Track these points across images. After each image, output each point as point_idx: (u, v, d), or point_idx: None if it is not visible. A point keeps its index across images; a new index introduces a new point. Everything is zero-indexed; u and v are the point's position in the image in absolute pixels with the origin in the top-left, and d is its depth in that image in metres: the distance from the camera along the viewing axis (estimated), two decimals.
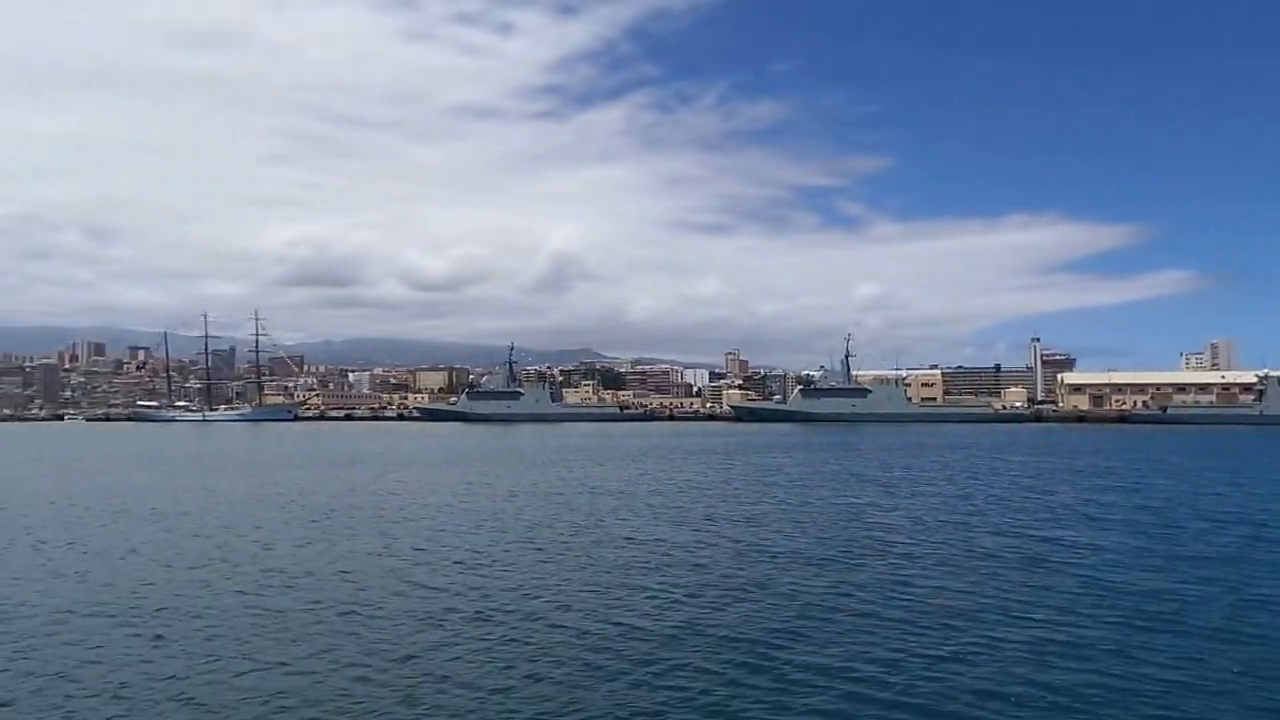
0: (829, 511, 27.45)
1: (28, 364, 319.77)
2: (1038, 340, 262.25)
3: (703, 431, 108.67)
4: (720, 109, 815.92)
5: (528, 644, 12.62)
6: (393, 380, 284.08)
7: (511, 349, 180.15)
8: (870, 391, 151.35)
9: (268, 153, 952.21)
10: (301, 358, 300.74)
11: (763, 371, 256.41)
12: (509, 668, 11.55)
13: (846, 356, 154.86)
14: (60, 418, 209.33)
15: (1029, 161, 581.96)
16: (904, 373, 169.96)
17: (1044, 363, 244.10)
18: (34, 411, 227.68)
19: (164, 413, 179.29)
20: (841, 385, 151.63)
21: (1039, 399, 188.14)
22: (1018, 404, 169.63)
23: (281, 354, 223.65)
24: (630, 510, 28.02)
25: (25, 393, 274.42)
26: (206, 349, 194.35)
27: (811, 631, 13.22)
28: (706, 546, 20.85)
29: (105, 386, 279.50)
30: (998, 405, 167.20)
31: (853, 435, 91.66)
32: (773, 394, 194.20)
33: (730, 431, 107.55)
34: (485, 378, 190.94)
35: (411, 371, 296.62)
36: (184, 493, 34.13)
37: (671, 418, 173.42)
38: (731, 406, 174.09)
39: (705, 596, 15.60)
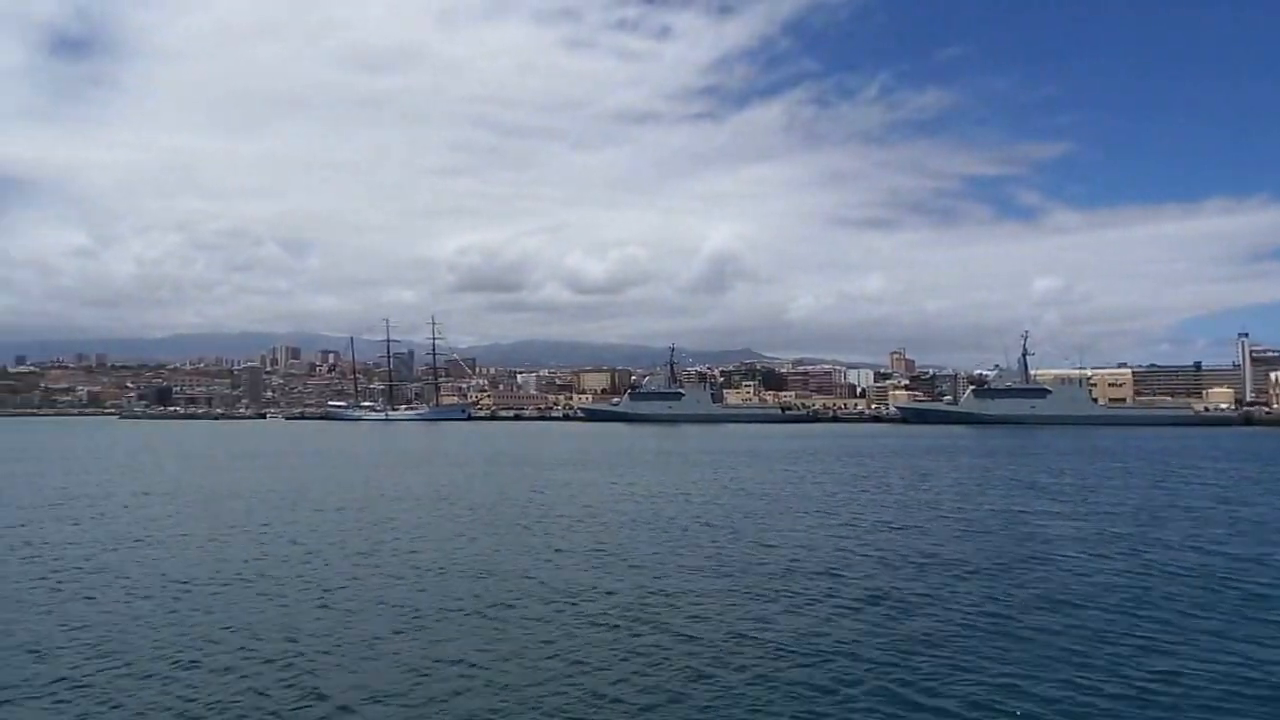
0: (989, 519, 26.73)
1: (235, 367, 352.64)
2: (1245, 335, 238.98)
3: (867, 433, 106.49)
4: (883, 100, 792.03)
5: (641, 645, 12.91)
6: (558, 381, 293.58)
7: (672, 350, 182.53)
8: (1050, 392, 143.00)
9: (441, 165, 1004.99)
10: (474, 360, 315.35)
11: (931, 371, 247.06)
12: (621, 661, 12.00)
13: (1024, 354, 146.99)
14: (263, 416, 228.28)
15: (1232, 139, 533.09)
16: (1088, 372, 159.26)
17: (1253, 360, 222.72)
18: (240, 410, 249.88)
19: (351, 412, 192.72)
20: (1018, 385, 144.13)
21: (1248, 400, 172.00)
22: (1223, 405, 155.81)
23: (455, 357, 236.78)
24: (780, 513, 28.27)
25: (234, 393, 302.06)
26: (388, 353, 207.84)
27: (949, 654, 12.41)
28: (850, 553, 20.77)
29: (300, 387, 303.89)
30: (1199, 407, 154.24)
31: (1030, 439, 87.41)
32: (942, 395, 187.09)
33: (896, 434, 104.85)
34: (647, 379, 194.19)
35: (576, 373, 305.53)
36: (391, 490, 37.25)
37: (835, 419, 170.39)
38: (898, 408, 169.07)
39: (829, 604, 15.47)
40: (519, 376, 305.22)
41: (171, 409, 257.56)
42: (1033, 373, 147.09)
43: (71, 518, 28.02)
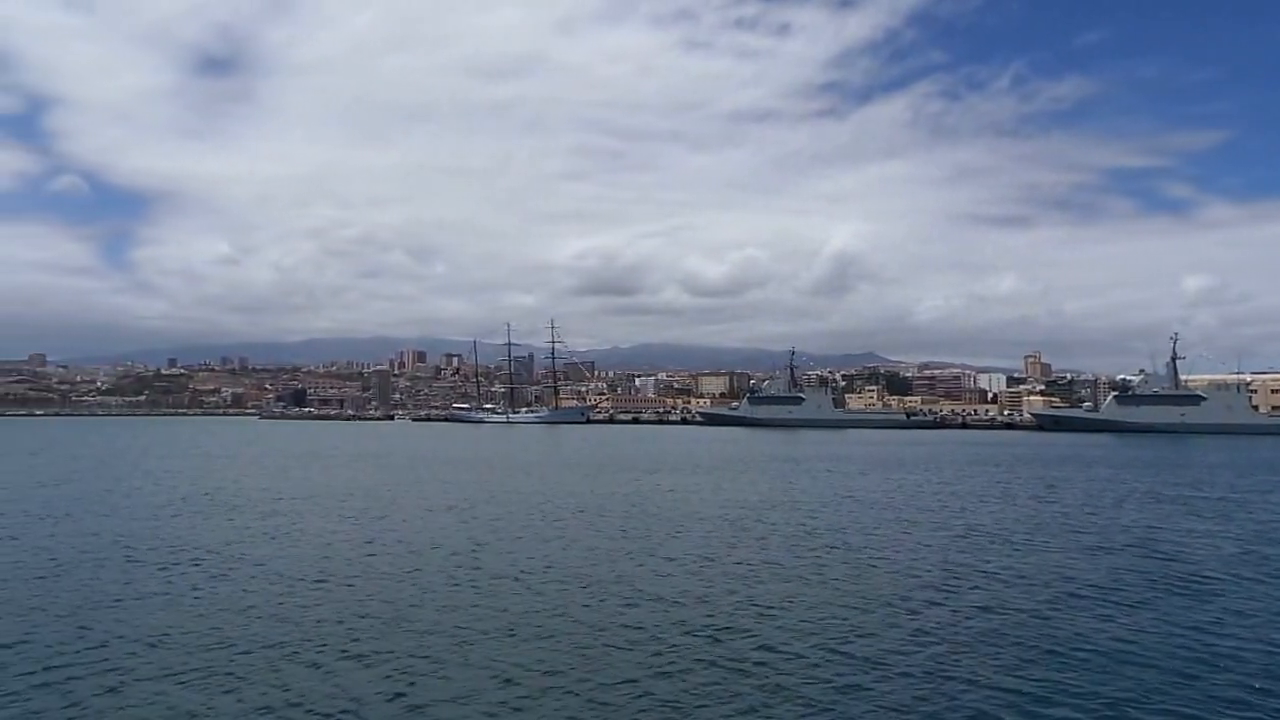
0: (1120, 536, 25.33)
1: (366, 370, 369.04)
2: None
3: (998, 441, 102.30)
4: (1017, 91, 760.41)
5: (725, 654, 12.95)
6: (676, 385, 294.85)
7: (792, 353, 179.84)
8: (1203, 399, 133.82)
9: (561, 170, 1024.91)
10: (592, 363, 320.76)
11: (1069, 376, 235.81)
12: (704, 669, 12.09)
13: (1173, 358, 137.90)
14: (391, 417, 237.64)
15: None
16: (1247, 377, 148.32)
17: None
18: (370, 411, 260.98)
19: (474, 414, 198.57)
20: (1167, 391, 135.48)
21: None
22: None
23: (574, 360, 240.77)
24: (888, 523, 27.75)
25: (364, 395, 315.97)
26: (509, 356, 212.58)
27: (1055, 680, 11.83)
28: (956, 568, 20.07)
29: (426, 390, 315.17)
30: None
31: (1179, 449, 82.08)
32: (1081, 401, 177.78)
33: (1029, 442, 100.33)
34: (766, 382, 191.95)
35: (694, 376, 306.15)
36: (503, 491, 38.30)
37: (964, 425, 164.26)
38: (1032, 414, 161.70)
39: (923, 621, 15.03)
40: (637, 380, 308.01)
41: (306, 410, 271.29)
42: (1183, 378, 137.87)
43: (214, 513, 29.99)
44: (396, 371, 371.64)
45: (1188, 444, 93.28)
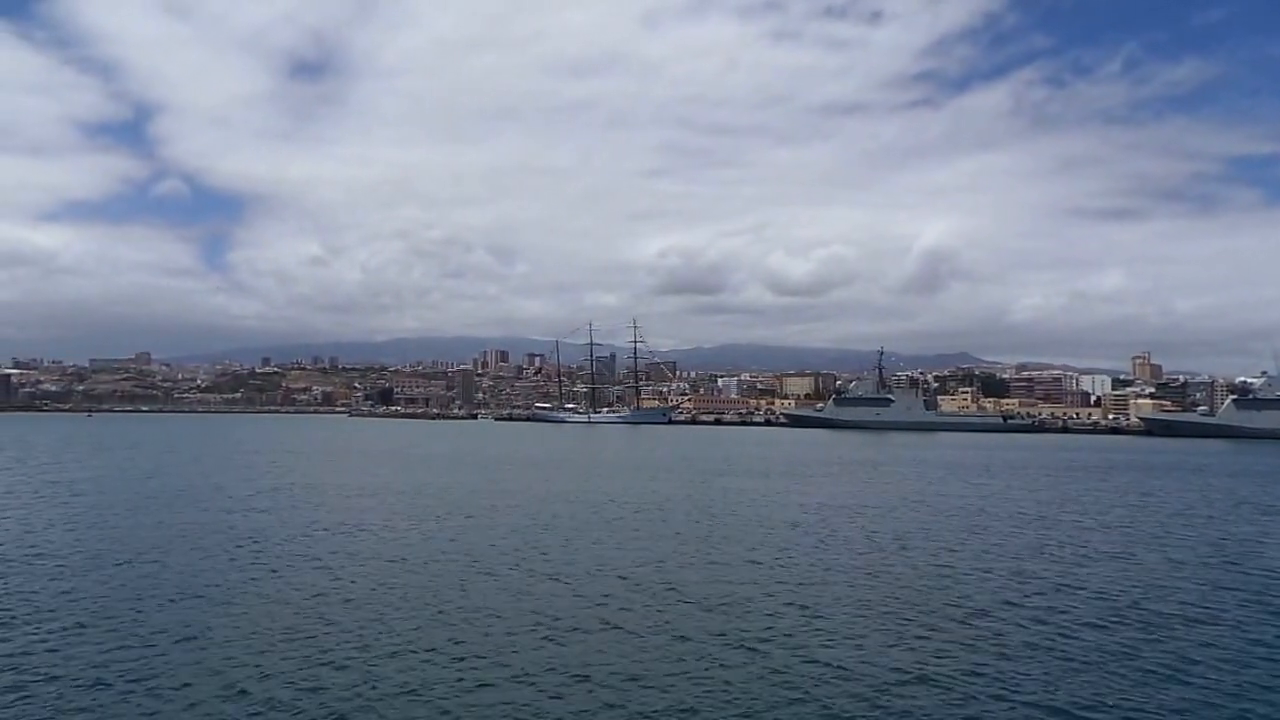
0: (1208, 550, 23.58)
1: (450, 369, 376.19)
2: None
3: (1100, 447, 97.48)
4: (1128, 76, 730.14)
5: (765, 665, 12.67)
6: (760, 386, 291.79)
7: (881, 353, 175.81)
8: None
9: (644, 167, 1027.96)
10: (674, 364, 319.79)
11: (1181, 378, 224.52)
12: (746, 677, 11.55)
13: None
14: (474, 416, 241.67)
15: None
16: None
17: None
18: (455, 410, 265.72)
19: (556, 414, 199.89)
20: None
21: None
22: None
23: (656, 360, 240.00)
24: (954, 531, 26.49)
25: (448, 394, 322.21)
26: (591, 356, 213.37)
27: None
28: (1013, 583, 18.84)
29: (508, 390, 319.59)
30: None
31: None
32: (1194, 405, 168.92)
33: (1136, 448, 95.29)
34: (853, 383, 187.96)
35: (778, 377, 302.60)
36: (575, 494, 37.68)
37: (1065, 429, 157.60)
38: (1140, 418, 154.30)
39: (962, 637, 14.21)
40: (720, 380, 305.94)
41: (393, 408, 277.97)
42: None
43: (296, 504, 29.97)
44: (480, 371, 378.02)
45: None
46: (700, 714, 10.83)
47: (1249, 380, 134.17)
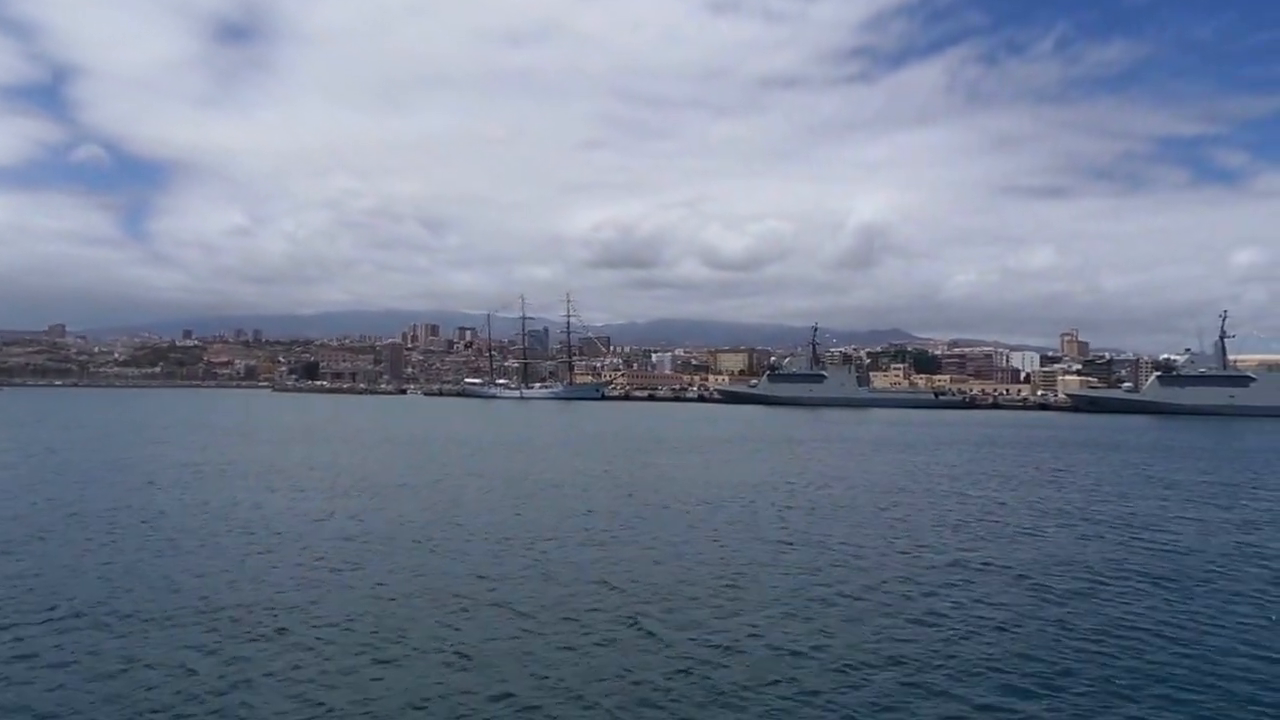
0: (1114, 525, 24.22)
1: (378, 343, 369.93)
2: None
3: (1028, 423, 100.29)
4: (1060, 55, 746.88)
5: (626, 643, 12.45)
6: (694, 361, 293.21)
7: (815, 329, 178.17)
8: (1254, 380, 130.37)
9: (581, 139, 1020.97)
10: (608, 339, 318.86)
11: (1108, 355, 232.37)
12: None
13: (1221, 337, 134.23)
14: (403, 391, 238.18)
15: None
16: None
17: None
18: (383, 386, 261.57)
19: (487, 389, 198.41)
20: (1214, 372, 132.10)
21: None
22: None
23: (590, 335, 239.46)
24: (869, 508, 26.88)
25: (376, 368, 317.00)
26: (524, 330, 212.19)
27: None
28: (920, 551, 19.48)
29: (438, 364, 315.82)
30: None
31: (1226, 433, 79.70)
32: (1120, 381, 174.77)
33: (1063, 424, 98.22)
34: (787, 359, 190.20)
35: (712, 352, 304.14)
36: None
37: (995, 406, 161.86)
38: (1068, 395, 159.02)
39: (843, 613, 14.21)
40: (654, 356, 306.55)
41: (319, 383, 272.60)
42: (1232, 358, 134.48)
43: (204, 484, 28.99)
44: (409, 345, 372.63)
45: (1234, 428, 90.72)
46: (581, 694, 10.73)
47: (1173, 357, 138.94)
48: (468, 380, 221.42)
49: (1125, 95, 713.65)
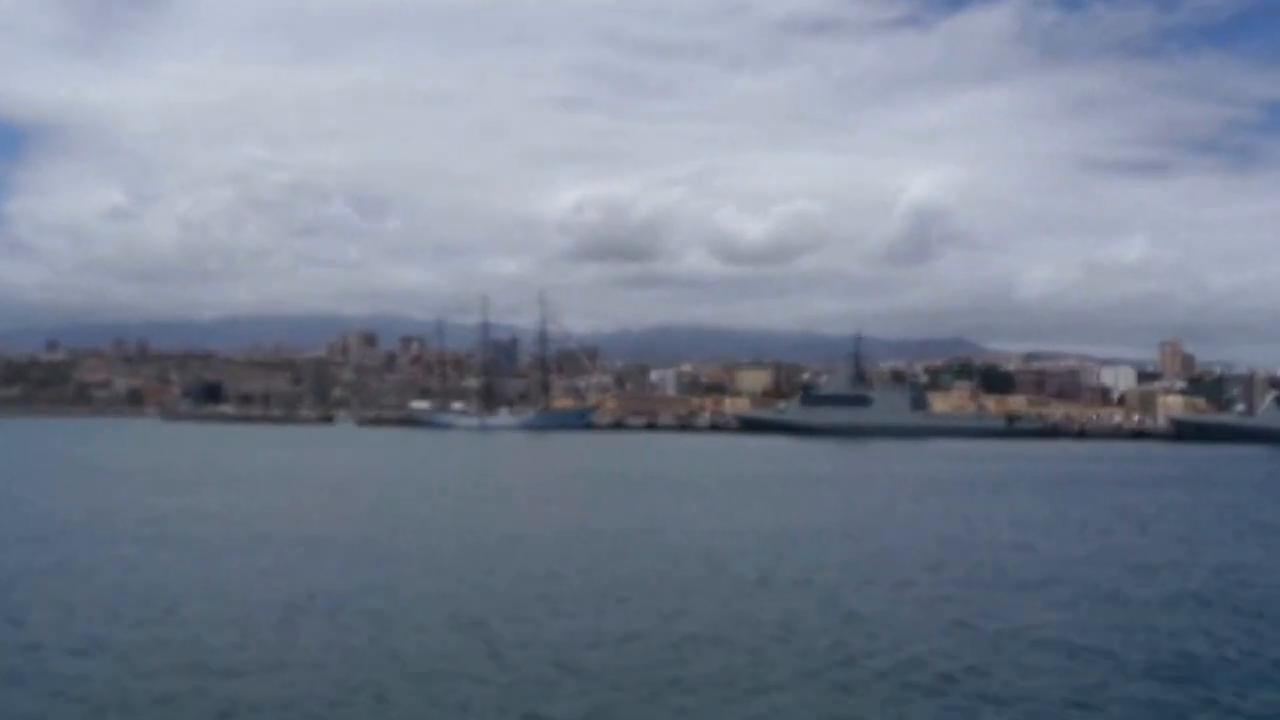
0: (1196, 585, 25.52)
1: (298, 358, 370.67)
2: None
3: (1125, 455, 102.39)
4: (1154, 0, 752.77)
5: None
6: (705, 380, 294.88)
7: (858, 339, 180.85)
8: None
9: (558, 95, 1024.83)
10: (595, 351, 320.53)
11: (1217, 370, 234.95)
12: None
13: None
14: (330, 419, 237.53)
15: None
16: None
17: None
18: (305, 412, 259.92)
19: (439, 417, 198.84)
20: None
21: None
22: None
23: (571, 346, 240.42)
24: (953, 566, 28.07)
25: (296, 390, 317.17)
26: (485, 340, 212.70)
27: None
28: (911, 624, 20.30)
29: (376, 384, 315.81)
30: None
31: None
32: (1231, 402, 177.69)
33: (1163, 457, 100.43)
34: (823, 377, 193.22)
35: (728, 369, 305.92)
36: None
37: (1081, 434, 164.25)
38: (1170, 419, 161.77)
39: None
40: (653, 373, 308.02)
41: (222, 409, 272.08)
42: None
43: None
44: (338, 360, 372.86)
45: None
46: None
47: None
48: (414, 405, 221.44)
49: (1233, 50, 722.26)
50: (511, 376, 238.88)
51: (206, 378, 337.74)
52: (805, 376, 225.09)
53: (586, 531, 35.20)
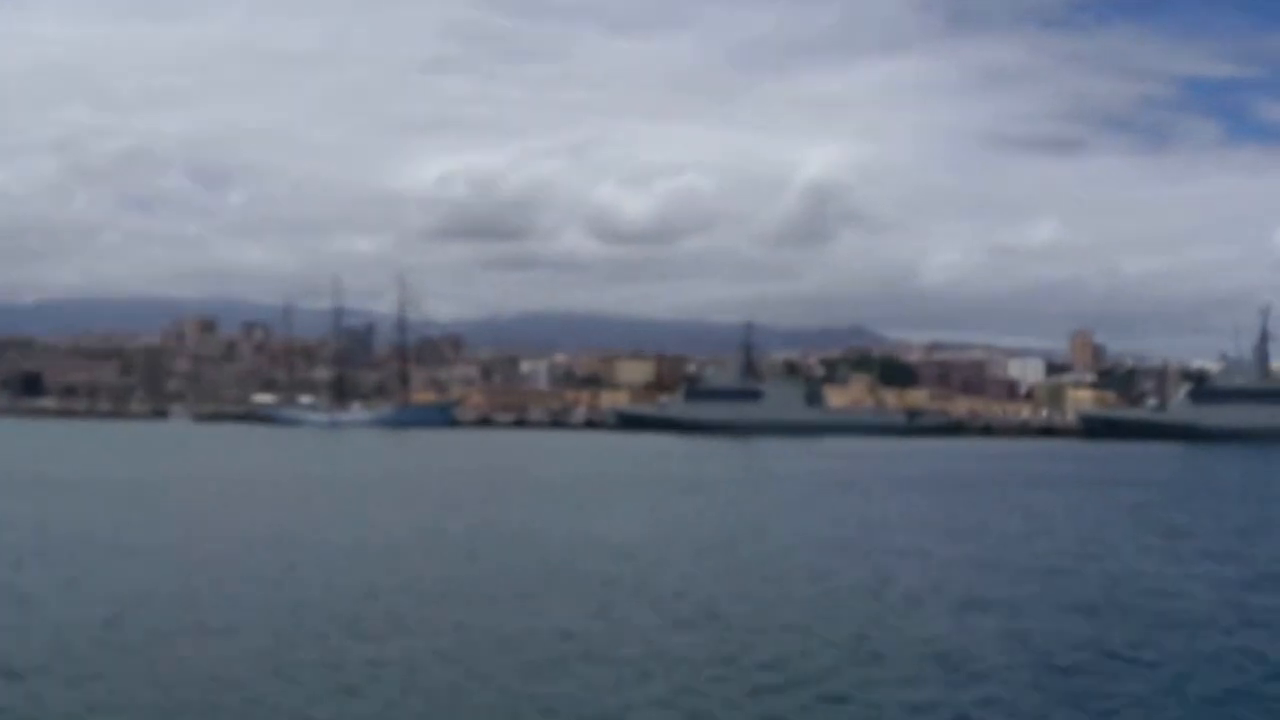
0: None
1: (129, 345, 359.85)
2: None
3: (1032, 454, 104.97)
4: None
5: None
6: (581, 372, 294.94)
7: (748, 328, 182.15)
8: None
9: (422, 57, 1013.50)
10: (459, 339, 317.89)
11: (1129, 363, 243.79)
12: None
13: (1263, 340, 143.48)
14: (164, 414, 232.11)
15: None
16: None
17: None
18: (135, 406, 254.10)
19: (285, 412, 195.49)
20: (1255, 386, 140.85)
21: None
22: None
23: (433, 334, 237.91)
24: (837, 575, 28.01)
25: (126, 381, 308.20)
26: (338, 327, 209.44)
27: None
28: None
29: (215, 375, 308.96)
30: None
31: (1270, 462, 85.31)
32: (1143, 397, 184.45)
33: (1070, 454, 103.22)
34: (710, 370, 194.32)
35: (607, 360, 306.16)
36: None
37: (987, 431, 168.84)
38: (1079, 415, 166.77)
39: None
40: (524, 364, 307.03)
41: (41, 404, 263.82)
42: (1276, 364, 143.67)
43: None
44: (173, 348, 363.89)
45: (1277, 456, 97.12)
46: None
47: (1207, 366, 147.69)
48: (258, 398, 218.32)
49: (1146, 23, 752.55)
50: (367, 368, 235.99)
51: (25, 367, 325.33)
52: (691, 369, 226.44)
53: (426, 542, 34.33)
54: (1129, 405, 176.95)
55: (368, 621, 21.39)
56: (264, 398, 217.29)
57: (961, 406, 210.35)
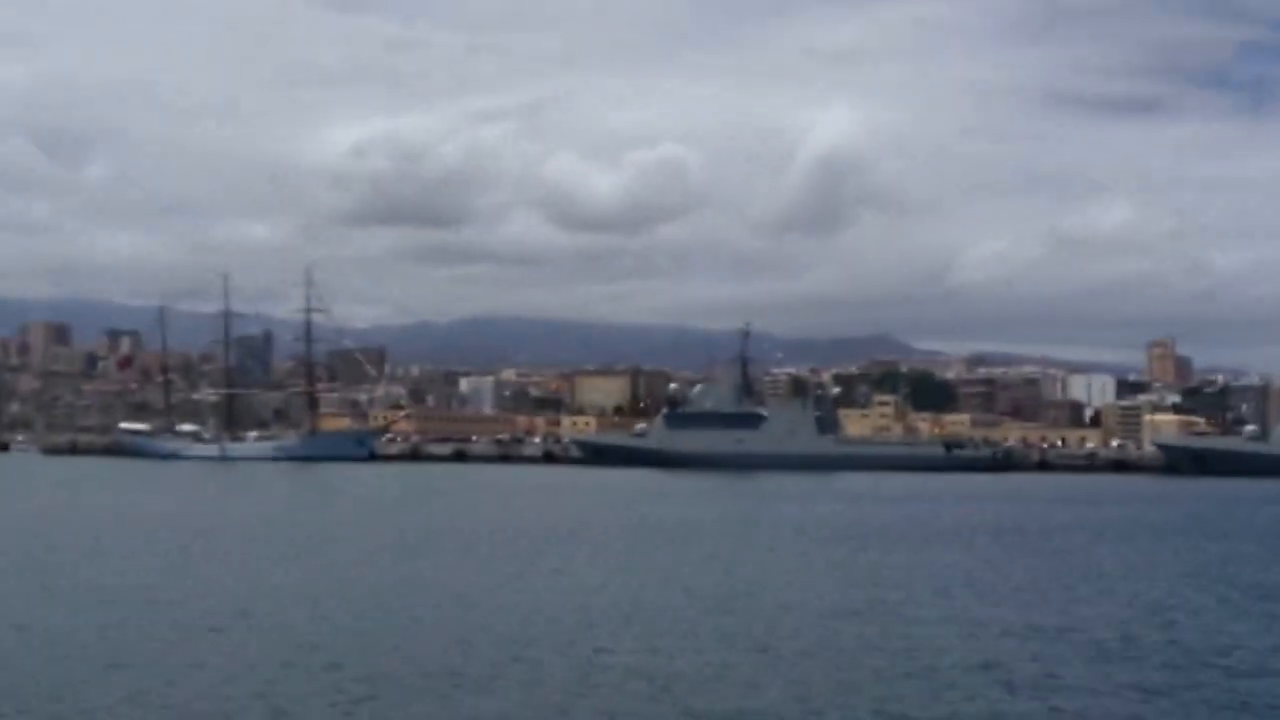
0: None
1: None
2: None
3: (1101, 494, 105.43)
4: None
5: None
6: (536, 392, 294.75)
7: (745, 337, 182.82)
8: None
9: None
10: (382, 350, 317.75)
11: (1219, 380, 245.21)
12: None
13: None
14: (5, 447, 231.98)
15: None
16: None
17: None
18: None
19: (161, 443, 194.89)
20: None
21: None
22: None
23: (349, 345, 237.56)
24: (853, 640, 28.10)
25: None
26: (227, 335, 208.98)
27: None
28: None
29: (71, 396, 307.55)
30: None
31: None
32: (1239, 422, 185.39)
33: (1154, 495, 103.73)
34: (697, 387, 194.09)
35: (568, 377, 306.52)
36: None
37: (1043, 465, 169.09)
38: (1158, 445, 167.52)
39: None
40: (464, 382, 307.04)
41: None
42: None
43: None
44: (16, 362, 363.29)
45: None
46: None
47: None
48: (124, 426, 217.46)
49: None
50: (264, 387, 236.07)
51: None
52: (673, 387, 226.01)
53: (319, 612, 33.96)
54: (1221, 432, 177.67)
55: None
56: (133, 425, 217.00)
57: (1012, 434, 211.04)
